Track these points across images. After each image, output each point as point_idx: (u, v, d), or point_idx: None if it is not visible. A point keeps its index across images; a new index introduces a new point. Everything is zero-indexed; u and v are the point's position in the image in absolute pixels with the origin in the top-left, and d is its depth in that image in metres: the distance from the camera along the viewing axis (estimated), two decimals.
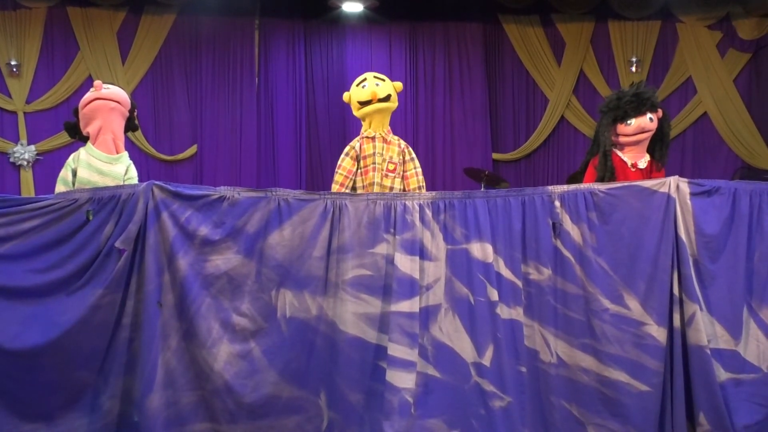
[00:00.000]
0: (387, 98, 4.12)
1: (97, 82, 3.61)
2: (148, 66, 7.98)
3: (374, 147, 4.09)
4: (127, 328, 3.05)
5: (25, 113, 7.72)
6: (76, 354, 2.99)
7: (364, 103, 4.11)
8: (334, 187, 4.04)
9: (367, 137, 4.12)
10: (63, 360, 2.98)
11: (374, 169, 4.06)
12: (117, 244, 3.01)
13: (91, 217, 3.04)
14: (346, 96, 4.23)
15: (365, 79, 4.18)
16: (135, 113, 3.78)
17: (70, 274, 3.02)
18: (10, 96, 7.68)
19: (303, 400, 3.12)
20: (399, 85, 4.23)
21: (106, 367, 3.04)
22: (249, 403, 3.06)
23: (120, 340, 3.04)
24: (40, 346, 2.94)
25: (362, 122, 4.22)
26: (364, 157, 4.08)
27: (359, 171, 4.07)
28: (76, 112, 3.70)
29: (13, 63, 7.62)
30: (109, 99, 3.58)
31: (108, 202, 3.07)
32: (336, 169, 4.09)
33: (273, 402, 3.09)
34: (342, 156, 4.12)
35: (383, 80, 4.17)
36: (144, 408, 2.96)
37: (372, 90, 4.08)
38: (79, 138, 3.72)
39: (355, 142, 4.14)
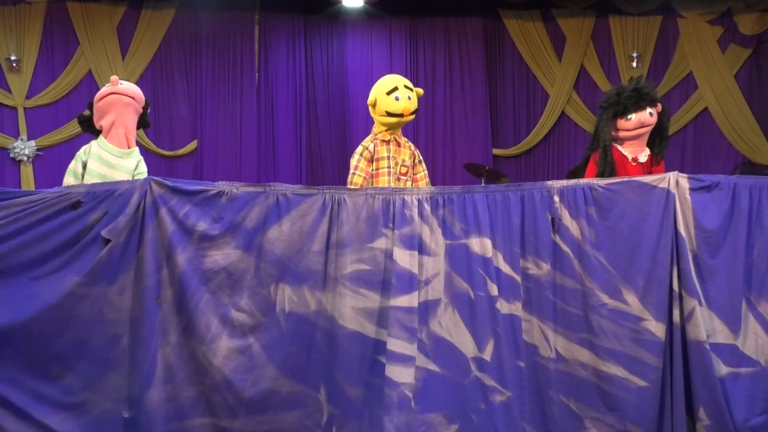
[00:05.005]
0: (414, 112, 4.07)
1: (113, 78, 3.64)
2: (148, 61, 7.99)
3: (388, 150, 4.03)
4: (115, 324, 2.98)
5: (24, 108, 7.72)
6: (46, 344, 2.89)
7: (393, 115, 4.00)
8: None
9: (382, 140, 4.05)
10: (30, 349, 2.88)
11: (388, 173, 4.01)
12: (103, 233, 2.96)
13: (80, 207, 2.98)
14: (371, 99, 4.05)
15: (396, 89, 4.00)
16: (147, 111, 3.80)
17: (44, 254, 2.91)
18: (9, 91, 7.69)
19: (302, 395, 3.12)
20: (420, 91, 4.14)
21: (84, 363, 2.94)
22: (249, 398, 3.06)
23: (105, 336, 2.97)
24: (5, 330, 2.83)
25: (375, 122, 4.12)
26: (378, 159, 4.01)
27: (371, 173, 4.01)
28: (90, 105, 3.73)
29: (12, 58, 7.62)
30: (124, 94, 3.60)
31: (102, 195, 3.02)
32: (353, 170, 3.98)
33: (272, 397, 3.09)
34: (356, 157, 4.01)
35: (411, 90, 4.05)
36: (143, 403, 2.95)
37: (405, 105, 3.97)
38: (91, 131, 3.74)
39: (368, 143, 4.05)
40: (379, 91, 4.04)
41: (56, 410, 2.92)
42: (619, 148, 3.74)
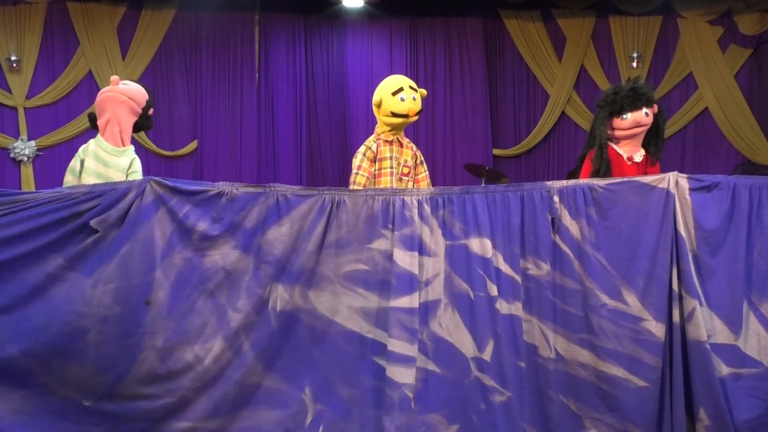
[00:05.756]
0: (419, 113, 4.08)
1: (113, 78, 3.67)
2: (149, 61, 8.00)
3: (391, 150, 4.04)
4: (81, 316, 2.91)
5: (25, 109, 7.73)
6: (16, 323, 2.86)
7: (398, 115, 4.02)
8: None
9: (385, 140, 4.06)
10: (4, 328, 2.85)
11: (391, 174, 4.01)
12: (92, 223, 2.94)
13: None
14: (376, 99, 4.06)
15: (402, 89, 4.01)
16: (149, 112, 3.81)
17: (31, 232, 2.90)
18: (10, 91, 7.69)
19: (286, 395, 3.09)
20: (424, 92, 4.15)
21: (46, 349, 2.88)
22: (234, 396, 3.04)
23: (71, 326, 2.89)
24: None
25: (378, 122, 4.13)
26: (380, 160, 4.01)
27: (374, 173, 4.01)
28: None
29: (13, 58, 7.63)
30: (120, 93, 3.63)
31: (101, 195, 3.01)
32: (356, 170, 3.99)
33: (257, 393, 3.07)
34: (359, 156, 4.02)
35: (416, 91, 4.07)
36: (114, 398, 2.93)
37: (410, 106, 3.99)
38: (97, 129, 3.77)
39: (371, 143, 4.06)
40: (384, 91, 4.04)
41: (21, 387, 2.90)
42: (615, 147, 3.76)
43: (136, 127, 3.80)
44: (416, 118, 4.11)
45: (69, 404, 2.94)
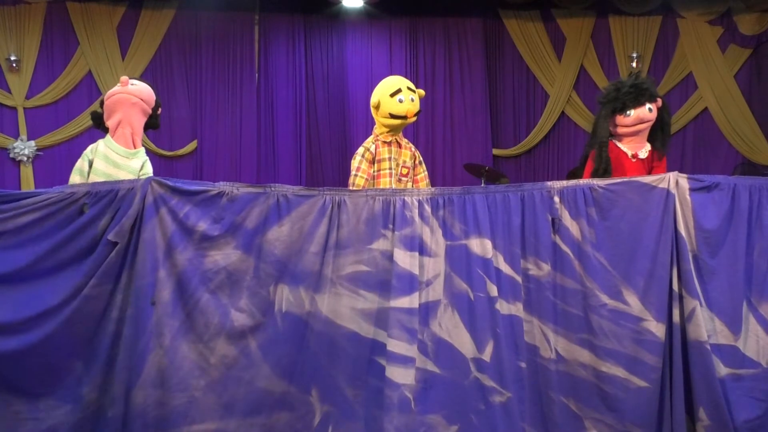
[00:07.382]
0: (417, 114, 4.07)
1: (123, 78, 3.62)
2: (148, 61, 7.99)
3: (390, 151, 4.03)
4: (114, 321, 3.02)
5: (24, 109, 7.73)
6: (66, 341, 2.97)
7: (396, 117, 4.00)
8: None
9: (383, 141, 4.05)
10: (53, 346, 2.96)
11: (390, 175, 4.00)
12: (110, 237, 2.99)
13: (86, 210, 3.02)
14: (374, 101, 4.03)
15: (400, 90, 3.99)
16: (158, 112, 3.79)
17: (64, 263, 3.00)
18: (9, 91, 7.69)
19: (293, 397, 3.10)
20: (422, 93, 4.13)
21: (91, 358, 3.01)
22: (243, 398, 3.05)
23: (106, 333, 3.01)
24: (33, 331, 2.93)
25: (376, 123, 4.12)
26: (379, 161, 4.00)
27: (373, 174, 4.01)
28: (102, 102, 3.72)
29: (12, 58, 7.63)
30: (132, 94, 3.59)
31: (105, 196, 3.05)
32: (354, 172, 3.98)
33: (266, 397, 3.07)
34: (358, 158, 4.00)
35: (414, 91, 4.05)
36: (128, 403, 2.96)
37: (408, 107, 3.97)
38: (102, 129, 3.74)
39: (370, 144, 4.05)
40: (382, 92, 4.03)
41: (63, 403, 2.99)
42: (618, 144, 3.74)
43: (144, 127, 3.77)
44: (414, 119, 4.09)
45: (101, 415, 3.00)
